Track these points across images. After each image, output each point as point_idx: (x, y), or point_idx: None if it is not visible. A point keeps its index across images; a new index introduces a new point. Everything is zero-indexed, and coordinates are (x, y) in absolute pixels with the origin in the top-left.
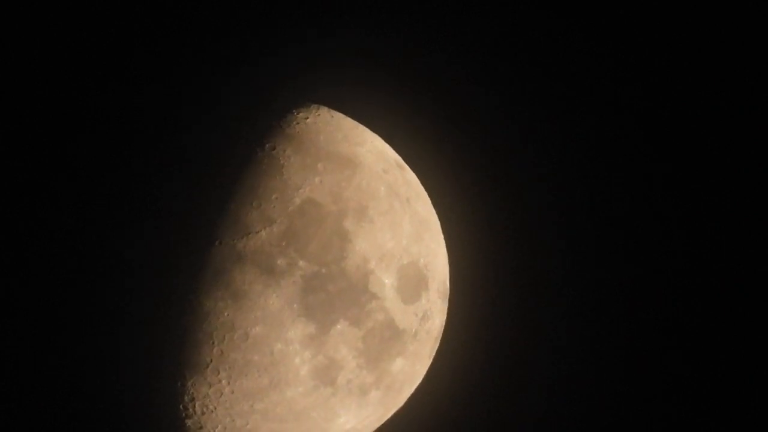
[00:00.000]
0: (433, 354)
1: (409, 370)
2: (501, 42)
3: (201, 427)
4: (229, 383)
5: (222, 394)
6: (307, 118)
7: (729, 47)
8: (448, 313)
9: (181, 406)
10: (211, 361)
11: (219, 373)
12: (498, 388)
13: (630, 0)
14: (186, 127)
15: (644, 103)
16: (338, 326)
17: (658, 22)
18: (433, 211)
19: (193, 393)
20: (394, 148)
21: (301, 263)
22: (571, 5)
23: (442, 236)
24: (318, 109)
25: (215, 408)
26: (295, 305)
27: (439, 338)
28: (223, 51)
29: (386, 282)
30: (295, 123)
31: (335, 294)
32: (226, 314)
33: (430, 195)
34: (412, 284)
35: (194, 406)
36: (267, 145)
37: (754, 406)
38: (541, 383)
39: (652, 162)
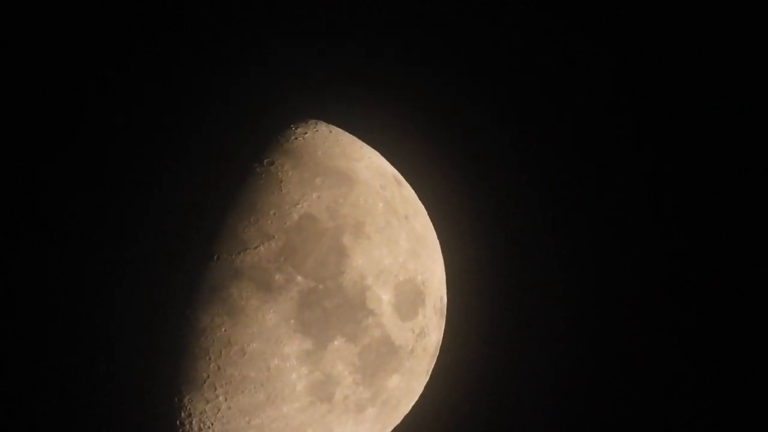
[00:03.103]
0: (430, 371)
1: (406, 386)
2: (501, 57)
3: None
4: (225, 399)
5: (219, 410)
6: (306, 133)
7: (729, 47)
8: (445, 330)
9: (177, 422)
10: (208, 377)
11: (216, 389)
12: (495, 404)
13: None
14: (184, 143)
15: (640, 109)
16: (335, 342)
17: (655, 22)
18: (431, 227)
19: (190, 409)
20: (392, 163)
21: (299, 279)
22: (565, 22)
23: (439, 253)
24: (316, 124)
25: (212, 424)
26: (291, 321)
27: (436, 355)
28: (220, 68)
29: (383, 298)
30: (293, 138)
31: (332, 310)
32: (223, 330)
33: (427, 210)
34: (409, 301)
35: (191, 423)
36: (265, 161)
37: (749, 406)
38: (539, 399)
39: (653, 178)
